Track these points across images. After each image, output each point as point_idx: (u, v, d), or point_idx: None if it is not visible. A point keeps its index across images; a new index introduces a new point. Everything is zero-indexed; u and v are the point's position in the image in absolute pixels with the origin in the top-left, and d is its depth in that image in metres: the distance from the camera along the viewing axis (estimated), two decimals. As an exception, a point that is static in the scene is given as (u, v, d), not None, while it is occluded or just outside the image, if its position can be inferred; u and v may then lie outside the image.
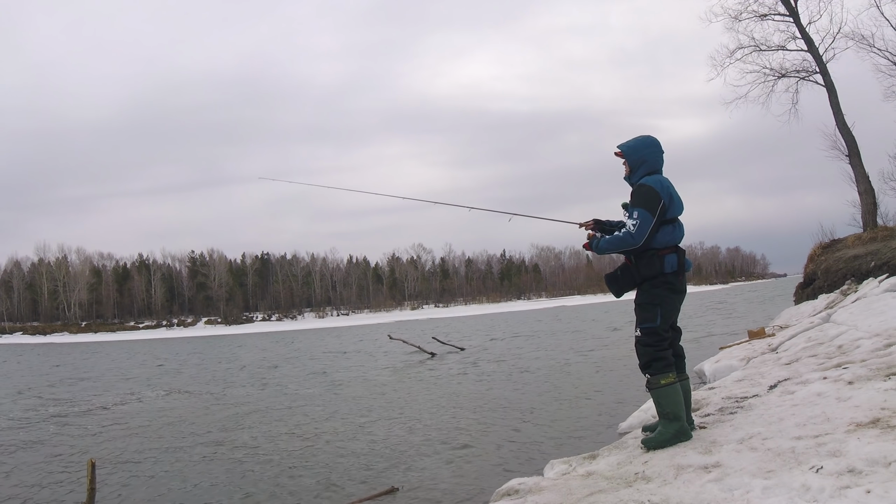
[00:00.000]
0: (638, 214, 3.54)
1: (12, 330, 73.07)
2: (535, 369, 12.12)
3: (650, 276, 3.61)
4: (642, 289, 3.67)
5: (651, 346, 3.60)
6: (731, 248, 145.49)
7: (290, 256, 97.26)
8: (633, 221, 3.55)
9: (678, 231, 3.69)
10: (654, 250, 3.60)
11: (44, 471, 6.37)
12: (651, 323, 3.61)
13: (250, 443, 7.13)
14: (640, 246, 3.54)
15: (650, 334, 3.62)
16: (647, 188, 3.64)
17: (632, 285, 3.71)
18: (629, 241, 3.56)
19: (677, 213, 3.70)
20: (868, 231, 13.77)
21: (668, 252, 3.62)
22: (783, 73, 15.80)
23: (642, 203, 3.57)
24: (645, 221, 3.52)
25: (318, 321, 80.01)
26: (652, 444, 3.54)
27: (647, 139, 3.83)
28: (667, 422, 3.57)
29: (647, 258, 3.61)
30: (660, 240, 3.60)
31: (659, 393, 3.57)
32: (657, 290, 3.62)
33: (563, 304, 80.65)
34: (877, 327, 5.86)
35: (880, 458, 2.55)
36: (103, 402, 11.60)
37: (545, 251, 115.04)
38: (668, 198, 3.62)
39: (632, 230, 3.54)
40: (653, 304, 3.62)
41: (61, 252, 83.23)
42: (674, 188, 3.71)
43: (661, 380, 3.55)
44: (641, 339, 3.64)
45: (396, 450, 6.24)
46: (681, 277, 3.67)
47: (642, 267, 3.61)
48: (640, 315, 3.67)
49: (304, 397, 10.64)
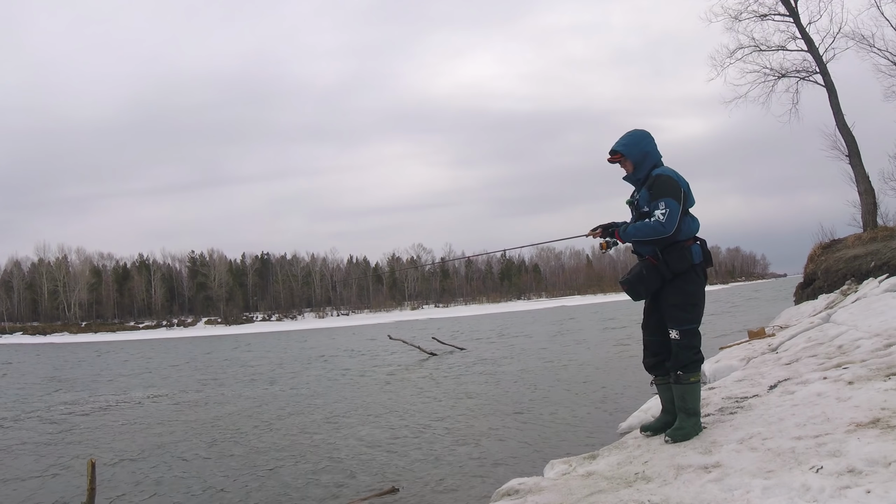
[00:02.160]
0: (665, 204, 3.48)
1: (12, 330, 73.03)
2: (535, 369, 12.12)
3: (682, 270, 3.52)
4: (675, 286, 3.57)
5: (692, 347, 3.57)
6: (731, 248, 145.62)
7: (290, 256, 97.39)
8: (661, 211, 3.47)
9: (696, 222, 3.67)
10: (680, 242, 3.54)
11: (44, 471, 6.37)
12: (692, 324, 3.57)
13: (251, 443, 7.13)
14: (671, 235, 3.47)
15: (692, 335, 3.58)
16: (666, 178, 3.59)
17: (659, 282, 3.60)
18: (660, 230, 3.47)
19: (693, 203, 3.67)
20: (868, 231, 13.78)
21: (692, 242, 3.59)
22: (783, 73, 15.81)
23: (667, 192, 3.51)
24: (674, 210, 3.47)
25: (319, 321, 80.00)
26: (679, 437, 3.54)
27: (641, 132, 3.78)
28: (686, 416, 3.58)
29: (676, 251, 3.52)
30: (684, 231, 3.56)
31: (686, 389, 3.57)
32: (691, 286, 3.56)
33: (564, 304, 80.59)
34: (877, 327, 5.86)
35: (880, 458, 2.55)
36: (104, 401, 11.59)
37: (545, 251, 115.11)
38: (687, 187, 3.61)
39: (662, 219, 3.46)
40: (691, 303, 3.56)
41: (61, 252, 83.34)
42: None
43: (691, 377, 3.56)
44: (682, 342, 3.57)
45: (397, 449, 6.24)
46: (707, 268, 3.64)
47: (672, 261, 3.52)
48: (678, 315, 3.57)
49: (304, 397, 10.64)
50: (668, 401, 3.88)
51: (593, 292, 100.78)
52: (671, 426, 3.72)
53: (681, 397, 3.62)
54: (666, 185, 3.55)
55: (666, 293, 3.62)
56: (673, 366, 3.63)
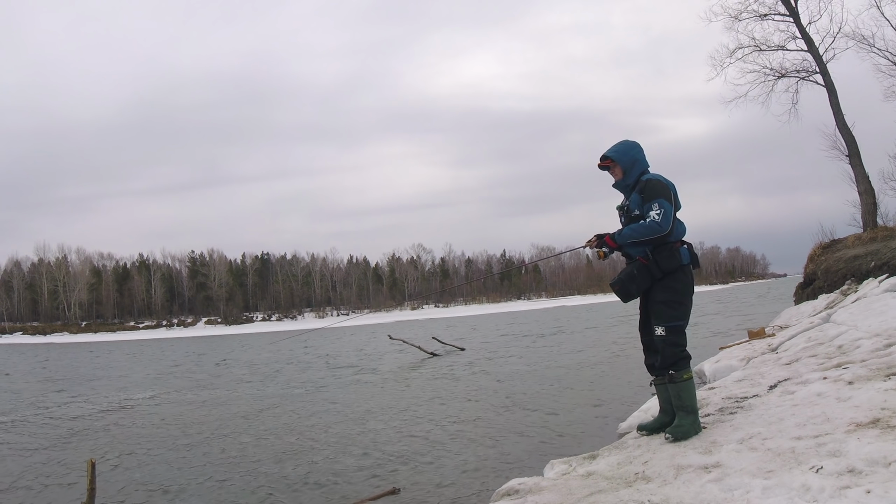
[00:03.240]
0: (659, 204, 3.59)
1: (12, 330, 73.04)
2: (535, 369, 12.12)
3: (671, 270, 3.62)
4: (663, 284, 3.65)
5: (678, 344, 3.63)
6: (731, 248, 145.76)
7: (291, 256, 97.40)
8: (656, 212, 3.59)
9: (682, 226, 3.78)
10: (670, 243, 3.65)
11: (44, 471, 6.37)
12: (679, 321, 3.63)
13: (252, 443, 7.13)
14: (667, 234, 3.58)
15: (677, 333, 3.64)
16: (656, 181, 3.72)
17: (649, 282, 3.68)
18: (656, 229, 3.57)
19: (679, 208, 3.77)
20: (868, 231, 13.76)
21: (680, 245, 3.70)
22: (783, 72, 15.79)
23: (659, 194, 3.63)
24: (668, 210, 3.59)
25: (318, 321, 80.00)
26: (679, 435, 3.58)
27: (632, 142, 3.92)
28: (685, 414, 3.62)
29: (666, 251, 3.62)
30: (675, 232, 3.68)
31: (680, 387, 3.62)
32: (679, 285, 3.64)
33: (563, 304, 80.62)
34: (877, 327, 5.86)
35: (880, 458, 2.55)
36: (103, 402, 11.60)
37: (545, 251, 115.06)
38: (675, 192, 3.72)
39: (657, 219, 3.58)
40: (678, 301, 3.63)
41: (61, 252, 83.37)
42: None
43: (684, 375, 3.61)
44: (667, 339, 3.62)
45: (397, 450, 6.24)
46: (694, 269, 3.73)
47: (662, 260, 3.61)
48: (664, 313, 3.63)
49: (305, 397, 10.64)
50: (666, 401, 3.90)
51: (593, 292, 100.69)
52: (668, 426, 3.75)
53: (676, 396, 3.66)
54: (657, 187, 3.67)
55: (654, 291, 3.71)
56: (662, 365, 3.68)
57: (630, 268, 3.73)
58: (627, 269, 3.74)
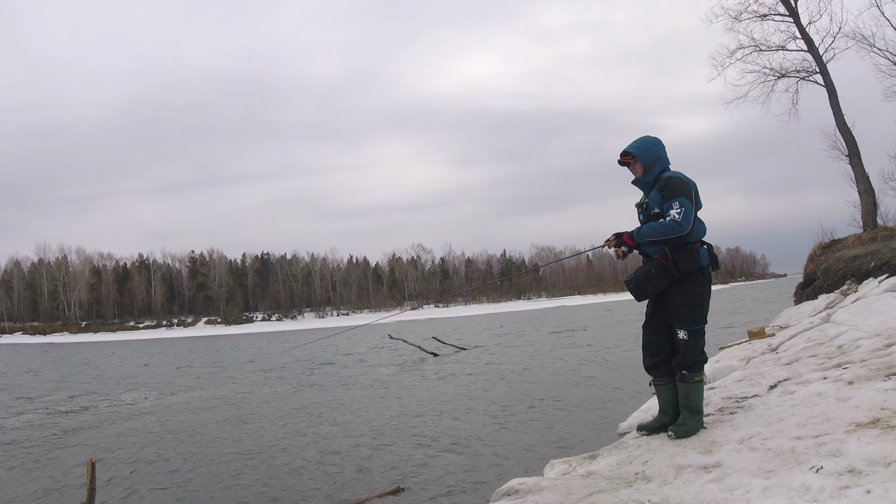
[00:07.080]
0: (680, 203, 3.53)
1: (12, 330, 73.08)
2: (535, 369, 12.12)
3: (689, 271, 3.57)
4: (683, 287, 3.60)
5: (698, 347, 3.63)
6: (731, 248, 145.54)
7: (291, 256, 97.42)
8: (676, 210, 3.53)
9: (703, 226, 3.71)
10: (690, 243, 3.59)
11: (44, 471, 6.37)
12: (700, 324, 3.62)
13: (253, 443, 7.13)
14: (687, 233, 3.52)
15: (699, 335, 3.63)
16: (677, 179, 3.64)
17: (666, 282, 3.62)
18: (676, 228, 3.51)
19: (700, 207, 3.71)
20: (868, 231, 13.77)
21: (700, 245, 3.64)
22: (783, 73, 15.81)
23: (680, 192, 3.57)
24: (688, 209, 3.53)
25: (319, 321, 79.97)
26: (682, 433, 3.59)
27: (654, 138, 3.84)
28: (690, 414, 3.63)
29: (686, 251, 3.56)
30: (696, 232, 3.62)
31: (691, 388, 3.63)
32: (700, 289, 3.60)
33: (563, 304, 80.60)
34: (877, 327, 5.86)
35: (880, 458, 2.55)
36: (103, 402, 11.59)
37: (545, 251, 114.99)
38: (696, 191, 3.66)
39: (677, 218, 3.51)
40: (699, 304, 3.61)
41: (61, 252, 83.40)
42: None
43: (696, 377, 3.62)
44: (689, 342, 3.60)
45: (399, 449, 6.24)
46: (713, 271, 3.71)
47: (681, 261, 3.56)
48: (686, 316, 3.61)
49: (305, 397, 10.64)
50: (665, 401, 3.90)
51: (593, 292, 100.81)
52: (667, 427, 3.75)
53: (685, 395, 3.66)
54: (678, 185, 3.60)
55: (673, 294, 3.65)
56: (679, 365, 3.66)
57: (647, 266, 3.66)
58: (644, 268, 3.67)
